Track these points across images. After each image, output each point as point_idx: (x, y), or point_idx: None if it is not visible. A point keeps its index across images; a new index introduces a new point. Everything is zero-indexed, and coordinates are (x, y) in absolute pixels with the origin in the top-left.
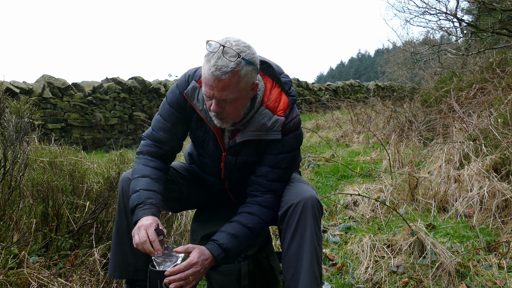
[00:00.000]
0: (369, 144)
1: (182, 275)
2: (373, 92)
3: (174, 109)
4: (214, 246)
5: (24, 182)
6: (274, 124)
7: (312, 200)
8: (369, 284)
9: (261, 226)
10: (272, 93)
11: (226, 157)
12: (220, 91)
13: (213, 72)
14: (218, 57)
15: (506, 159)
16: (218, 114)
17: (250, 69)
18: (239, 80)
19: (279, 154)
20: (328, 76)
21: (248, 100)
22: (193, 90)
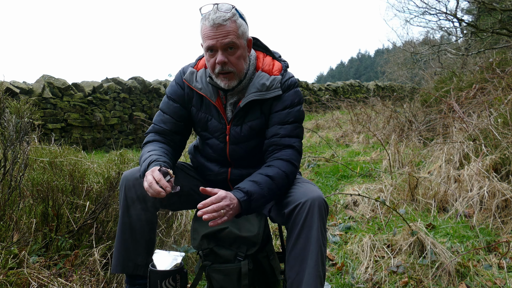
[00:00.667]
0: (369, 144)
1: (215, 206)
2: (373, 92)
3: (172, 100)
4: (235, 191)
5: (24, 182)
6: (272, 82)
7: (319, 200)
8: (369, 284)
9: (282, 176)
10: (265, 60)
11: (231, 129)
12: (224, 37)
13: (214, 20)
14: (214, 13)
15: (506, 159)
16: (224, 67)
17: (244, 23)
18: (237, 27)
19: (283, 110)
20: (328, 76)
21: (246, 54)
22: (191, 74)
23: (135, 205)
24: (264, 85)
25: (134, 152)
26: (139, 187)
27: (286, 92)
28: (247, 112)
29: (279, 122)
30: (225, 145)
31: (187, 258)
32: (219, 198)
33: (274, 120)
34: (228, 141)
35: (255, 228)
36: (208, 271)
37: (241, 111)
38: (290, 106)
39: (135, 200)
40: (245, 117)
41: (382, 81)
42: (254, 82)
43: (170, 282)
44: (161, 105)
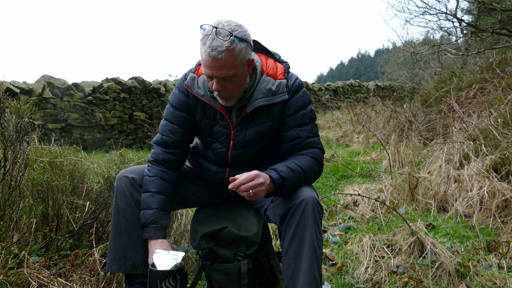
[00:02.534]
0: (369, 144)
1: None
2: (373, 92)
3: (178, 110)
4: (272, 171)
5: (24, 182)
6: (278, 87)
7: (312, 201)
8: (369, 284)
9: (311, 172)
10: (268, 63)
11: (235, 134)
12: (219, 70)
13: (209, 52)
14: (212, 39)
15: (506, 159)
16: (220, 93)
17: (244, 46)
18: (234, 57)
19: (298, 112)
20: (328, 76)
21: (246, 76)
22: (192, 80)
23: (129, 205)
24: (270, 90)
25: (134, 152)
26: (132, 188)
27: (296, 95)
28: (254, 117)
29: (297, 125)
30: (228, 149)
31: (187, 258)
32: (252, 176)
33: (292, 123)
34: (231, 145)
35: (254, 228)
36: (208, 271)
37: (247, 116)
38: (303, 108)
39: (129, 200)
40: (251, 122)
41: (382, 81)
42: (260, 87)
43: (170, 282)
44: (166, 115)
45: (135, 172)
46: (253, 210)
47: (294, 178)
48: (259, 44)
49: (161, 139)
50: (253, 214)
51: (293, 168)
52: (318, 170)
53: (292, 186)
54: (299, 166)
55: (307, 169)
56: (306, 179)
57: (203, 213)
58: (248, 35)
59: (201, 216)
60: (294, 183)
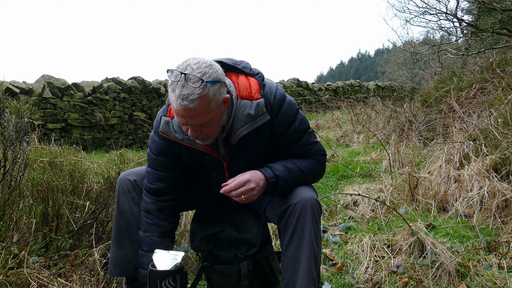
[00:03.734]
0: (369, 144)
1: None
2: (373, 92)
3: (160, 156)
4: (267, 169)
5: (24, 182)
6: (257, 109)
7: (311, 200)
8: (369, 284)
9: (311, 175)
10: (239, 82)
11: (228, 165)
12: (193, 119)
13: (181, 103)
14: (182, 86)
15: (506, 159)
16: (197, 137)
17: (217, 87)
18: (209, 102)
19: (289, 129)
20: (328, 76)
21: (223, 115)
22: (166, 125)
23: (131, 209)
24: (249, 115)
25: (134, 152)
26: (134, 191)
27: (281, 110)
28: (242, 146)
29: (294, 141)
30: (224, 178)
31: (187, 258)
32: (243, 182)
33: (287, 141)
34: (227, 175)
35: (254, 229)
36: (208, 272)
37: (234, 147)
38: (293, 121)
39: (131, 204)
40: (240, 151)
41: (382, 81)
42: (238, 114)
43: (170, 282)
44: (150, 163)
45: (137, 174)
46: (252, 212)
47: (290, 178)
48: (224, 64)
49: (150, 188)
50: (253, 216)
51: (291, 168)
52: (318, 173)
53: (288, 186)
54: (297, 167)
55: (306, 170)
56: (304, 180)
57: (202, 215)
58: (220, 74)
59: (201, 218)
60: (290, 182)
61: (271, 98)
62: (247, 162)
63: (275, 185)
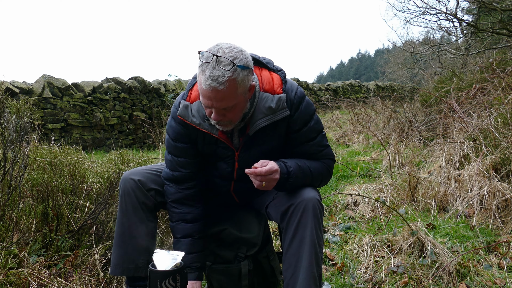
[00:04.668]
0: (369, 144)
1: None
2: (373, 92)
3: (180, 142)
4: (281, 164)
5: (24, 182)
6: (278, 103)
7: (313, 201)
8: (369, 284)
9: (319, 178)
10: (262, 76)
11: (240, 155)
12: (219, 101)
13: (210, 84)
14: (213, 67)
15: (506, 159)
16: (219, 122)
17: (246, 73)
18: (237, 87)
19: (304, 128)
20: (328, 76)
21: (247, 102)
22: (185, 109)
23: (134, 209)
24: (270, 108)
25: (134, 152)
26: (138, 191)
27: (299, 108)
28: (257, 138)
29: (307, 140)
30: (233, 169)
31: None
32: (272, 171)
33: (300, 139)
34: (236, 166)
35: (255, 229)
36: (209, 271)
37: (250, 138)
38: (310, 121)
39: (134, 204)
40: (254, 143)
41: (382, 81)
42: (259, 106)
43: (170, 282)
44: (170, 149)
45: (141, 174)
46: (254, 212)
47: (300, 176)
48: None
49: (173, 175)
50: (254, 216)
51: (302, 166)
52: (326, 178)
53: (296, 184)
54: (308, 167)
55: (315, 172)
56: (312, 181)
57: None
58: (250, 61)
59: None
60: (299, 181)
61: (292, 95)
62: (258, 155)
63: (285, 181)
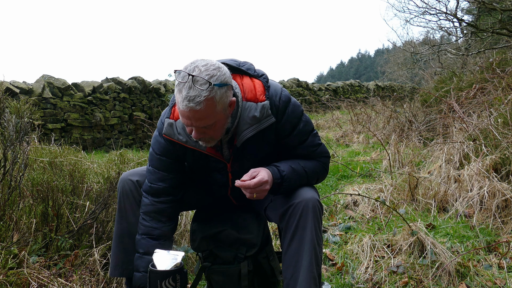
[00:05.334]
0: (369, 144)
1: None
2: (373, 92)
3: (164, 157)
4: (274, 169)
5: (24, 182)
6: (262, 111)
7: (312, 200)
8: (369, 284)
9: (314, 177)
10: (244, 84)
11: (232, 166)
12: (198, 121)
13: (187, 104)
14: (189, 87)
15: (506, 159)
16: (201, 139)
17: (224, 91)
18: (215, 105)
19: (293, 132)
20: (328, 76)
21: (228, 118)
22: (170, 126)
23: (133, 210)
24: (254, 117)
25: (134, 152)
26: (136, 191)
27: (286, 112)
28: (246, 148)
29: (299, 143)
30: (227, 179)
31: (187, 258)
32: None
33: (292, 143)
34: (230, 177)
35: (254, 230)
36: (208, 272)
37: (239, 149)
38: (298, 123)
39: (133, 205)
40: (245, 153)
41: (382, 81)
42: (243, 116)
43: (170, 282)
44: (152, 162)
45: (139, 174)
46: (253, 212)
47: (294, 179)
48: (229, 66)
49: (150, 188)
50: (253, 216)
51: (296, 168)
52: (322, 174)
53: (292, 186)
54: (302, 167)
55: (310, 172)
56: (307, 181)
57: (203, 215)
58: (228, 77)
59: (201, 218)
60: (294, 183)
61: (276, 100)
62: (250, 164)
63: (279, 186)
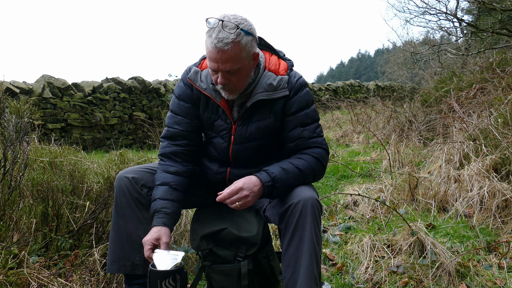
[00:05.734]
0: (369, 144)
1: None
2: (373, 92)
3: (183, 101)
4: (263, 173)
5: (24, 182)
6: (279, 82)
7: (311, 200)
8: (369, 284)
9: (310, 172)
10: (271, 59)
11: (237, 129)
12: (224, 63)
13: (216, 44)
14: (218, 31)
15: (506, 159)
16: (225, 86)
17: (250, 39)
18: (240, 50)
19: (301, 111)
20: (328, 76)
21: (251, 70)
22: (195, 74)
23: (129, 206)
24: (271, 85)
25: (134, 152)
26: (132, 188)
27: (299, 93)
28: (255, 112)
29: (300, 124)
30: (229, 144)
31: (187, 258)
32: (236, 191)
33: (294, 122)
34: (232, 140)
35: (254, 229)
36: (208, 271)
37: (248, 110)
38: (306, 107)
39: (129, 201)
40: (252, 117)
41: (382, 81)
42: (261, 82)
43: (170, 282)
44: (171, 106)
45: (135, 172)
46: (253, 211)
47: (287, 179)
48: (263, 41)
49: (167, 131)
50: (253, 215)
51: (288, 169)
52: (319, 170)
53: (286, 187)
54: (295, 166)
55: (305, 169)
56: (304, 179)
57: (203, 214)
58: (254, 30)
59: (201, 217)
60: (289, 184)
61: (294, 80)
62: (254, 130)
63: (272, 189)
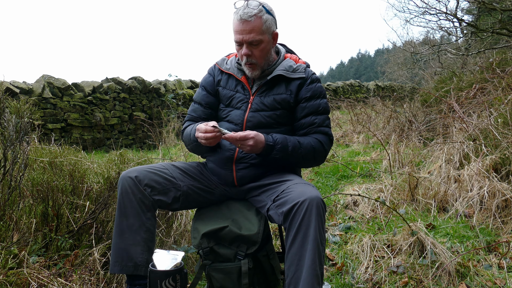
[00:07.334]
0: (369, 144)
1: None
2: (373, 92)
3: (205, 91)
4: (268, 136)
5: (24, 182)
6: (298, 67)
7: (317, 200)
8: (369, 284)
9: (310, 149)
10: (291, 56)
11: (254, 99)
12: (248, 34)
13: (241, 16)
14: (244, 8)
15: (506, 159)
16: (248, 59)
17: (270, 18)
18: (262, 23)
19: (313, 99)
20: (328, 76)
21: (271, 46)
22: (222, 60)
23: (132, 206)
24: (291, 67)
25: (134, 152)
26: (135, 188)
27: (314, 83)
28: (273, 87)
29: (313, 112)
30: (245, 112)
31: (187, 258)
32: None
33: (307, 110)
34: (249, 107)
35: (255, 227)
36: (208, 270)
37: (266, 84)
38: (319, 97)
39: (132, 201)
40: (269, 91)
41: (382, 81)
42: (282, 63)
43: (170, 282)
44: (195, 96)
45: (138, 171)
46: (254, 210)
47: (287, 147)
48: (286, 47)
49: (187, 117)
50: (254, 214)
51: (289, 138)
52: (319, 151)
53: (282, 154)
54: (297, 140)
55: (305, 144)
56: (303, 155)
57: (204, 213)
58: (274, 13)
59: (202, 215)
60: (287, 150)
61: (310, 73)
62: (270, 101)
63: (272, 149)
